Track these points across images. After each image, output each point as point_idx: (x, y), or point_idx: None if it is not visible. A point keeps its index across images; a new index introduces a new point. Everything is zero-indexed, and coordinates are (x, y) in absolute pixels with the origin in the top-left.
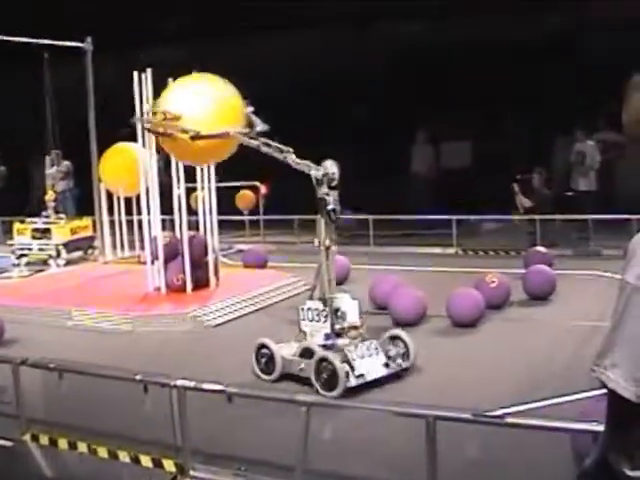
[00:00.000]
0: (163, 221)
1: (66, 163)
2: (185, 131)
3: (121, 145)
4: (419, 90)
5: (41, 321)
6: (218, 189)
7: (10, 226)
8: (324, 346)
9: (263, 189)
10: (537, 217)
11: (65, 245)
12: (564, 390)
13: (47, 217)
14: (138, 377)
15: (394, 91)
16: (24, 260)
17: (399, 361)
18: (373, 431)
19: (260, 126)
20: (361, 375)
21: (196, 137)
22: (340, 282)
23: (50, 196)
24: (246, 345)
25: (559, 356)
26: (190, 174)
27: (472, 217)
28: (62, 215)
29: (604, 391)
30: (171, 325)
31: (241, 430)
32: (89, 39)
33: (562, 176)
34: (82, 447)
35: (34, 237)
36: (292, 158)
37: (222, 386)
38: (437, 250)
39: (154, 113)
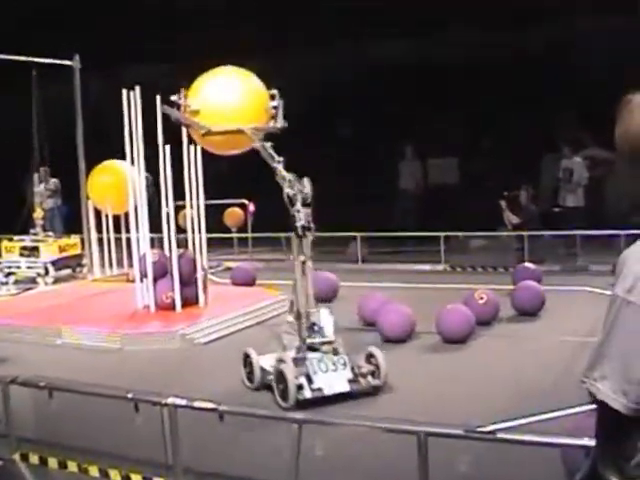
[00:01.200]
0: (152, 239)
1: (54, 180)
2: (199, 127)
3: (109, 163)
4: (405, 106)
5: (30, 339)
6: (206, 207)
7: None
8: (295, 359)
9: (251, 207)
10: (525, 233)
11: (53, 263)
12: (554, 405)
13: (35, 235)
14: (129, 395)
15: (379, 108)
16: (12, 278)
17: (369, 378)
18: (364, 447)
19: (279, 122)
20: (319, 389)
21: (208, 134)
22: (329, 299)
23: (38, 214)
24: (236, 363)
25: (549, 372)
26: (179, 192)
27: (460, 234)
28: (50, 233)
29: (594, 406)
30: (160, 343)
31: (232, 448)
32: (77, 57)
33: (549, 192)
34: (72, 466)
35: (22, 255)
36: (280, 168)
37: (214, 404)
38: (426, 267)
39: (178, 106)
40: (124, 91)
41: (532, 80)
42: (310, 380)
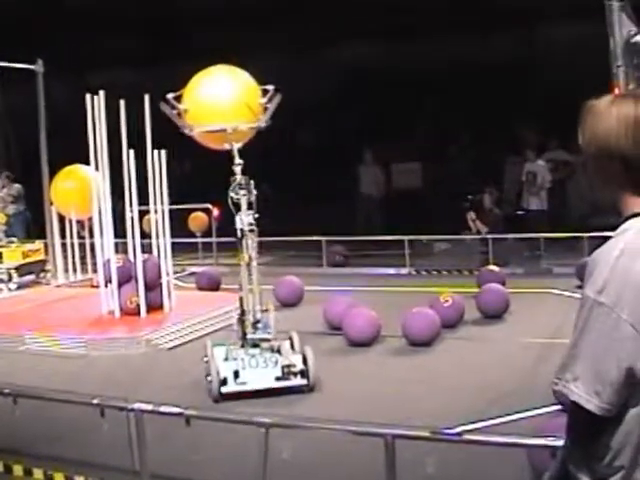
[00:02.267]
0: (116, 244)
1: (16, 186)
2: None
3: (73, 167)
4: (368, 112)
5: None
6: (170, 211)
7: None
8: (227, 354)
9: (215, 211)
10: (489, 236)
11: (17, 269)
12: (520, 407)
13: None
14: (95, 401)
15: (342, 113)
16: None
17: (298, 378)
18: (332, 450)
19: (262, 121)
20: (243, 383)
21: (192, 133)
22: (294, 303)
23: (1, 219)
24: (201, 367)
25: (514, 373)
26: (143, 196)
27: (424, 237)
28: (13, 239)
29: (559, 407)
30: (125, 348)
31: (200, 452)
32: (40, 61)
33: (512, 196)
34: (38, 474)
35: None
36: (236, 171)
37: (180, 409)
38: (391, 270)
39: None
40: (88, 96)
41: (496, 84)
42: (237, 375)
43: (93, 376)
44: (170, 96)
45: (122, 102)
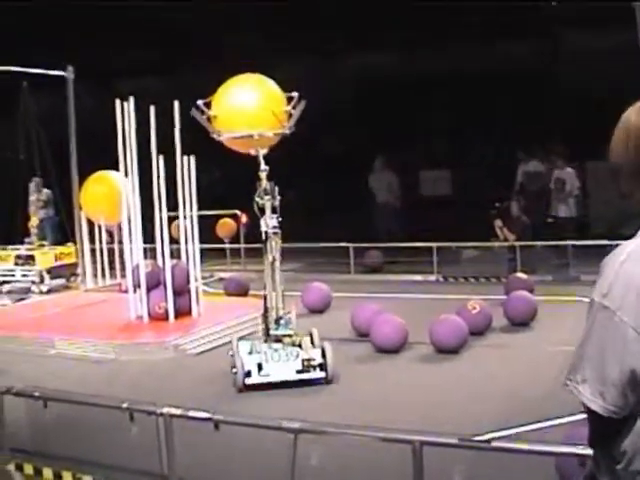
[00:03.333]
0: (145, 249)
1: (46, 191)
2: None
3: (102, 173)
4: (393, 121)
5: (23, 350)
6: (199, 217)
7: None
8: (252, 349)
9: (244, 218)
10: (517, 244)
11: (49, 271)
12: (547, 415)
13: (30, 244)
14: (124, 405)
15: (365, 122)
16: (6, 287)
17: (317, 371)
18: (359, 455)
19: (287, 127)
20: (266, 375)
21: (224, 139)
22: (321, 310)
23: (33, 222)
24: (228, 373)
25: (541, 381)
26: (171, 202)
27: (453, 244)
28: (45, 242)
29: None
30: (153, 353)
31: (228, 457)
32: (70, 68)
33: (540, 203)
34: (67, 477)
35: (17, 264)
36: (262, 177)
37: (208, 414)
38: (418, 277)
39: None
40: (117, 102)
41: (525, 91)
42: (260, 367)
43: (121, 380)
44: (200, 102)
45: (152, 108)
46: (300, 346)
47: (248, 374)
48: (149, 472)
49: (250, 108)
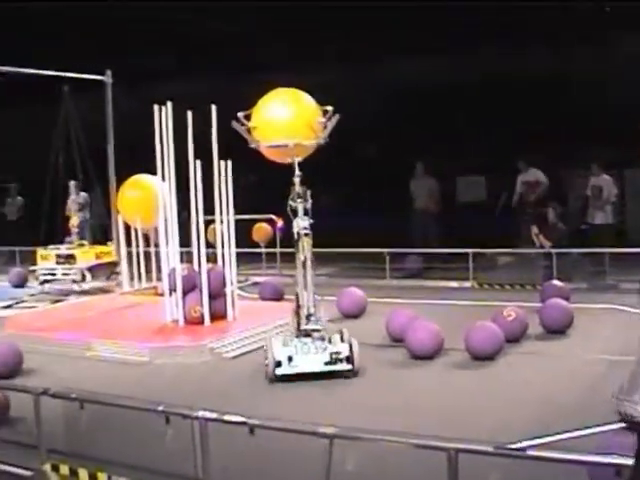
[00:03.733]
0: (181, 253)
1: (83, 194)
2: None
3: (138, 177)
4: (432, 125)
5: (59, 351)
6: (235, 222)
7: (28, 256)
8: (284, 342)
9: (279, 222)
10: (553, 251)
11: (90, 269)
12: (582, 423)
13: (71, 243)
14: (160, 408)
15: (403, 127)
16: (47, 286)
17: (344, 363)
18: (394, 461)
19: (321, 138)
20: (296, 366)
21: (263, 147)
22: (356, 315)
23: (74, 222)
24: (263, 377)
25: (577, 389)
26: (207, 206)
27: (488, 251)
28: (84, 241)
29: (622, 424)
30: (188, 357)
31: (262, 461)
32: (109, 72)
33: (576, 210)
34: (102, 478)
35: (58, 262)
36: (296, 182)
37: (244, 418)
38: (453, 284)
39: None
40: (156, 107)
41: (561, 98)
42: (290, 359)
43: (156, 383)
44: (240, 114)
45: (189, 113)
46: (329, 341)
47: (278, 364)
48: (183, 475)
49: (287, 120)
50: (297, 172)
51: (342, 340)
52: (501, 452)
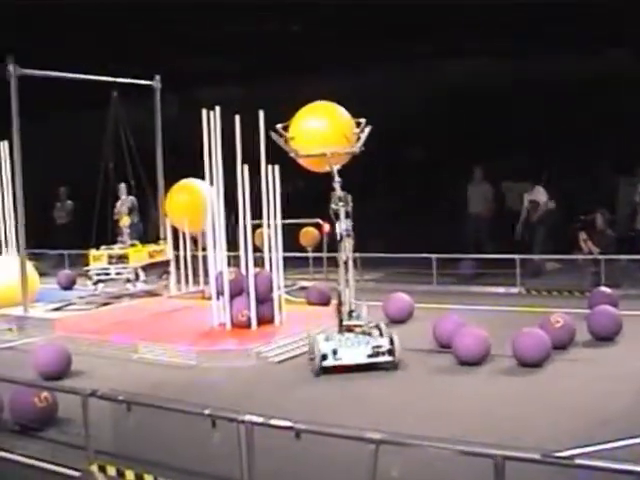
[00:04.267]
0: (228, 257)
1: (131, 198)
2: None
3: (187, 181)
4: (478, 129)
5: (107, 354)
6: (282, 226)
7: (77, 259)
8: (328, 336)
9: (326, 226)
10: (601, 257)
11: (144, 268)
12: (630, 432)
13: (123, 243)
14: (206, 411)
15: (452, 130)
16: (101, 286)
17: (386, 356)
18: (439, 468)
19: (356, 147)
20: (340, 359)
21: (298, 157)
22: (403, 320)
23: (125, 221)
24: (310, 381)
25: (625, 397)
26: (255, 211)
27: (536, 256)
28: (136, 241)
29: None
30: (235, 360)
31: (308, 466)
32: (157, 77)
33: (625, 216)
34: (149, 479)
35: (110, 262)
36: (337, 187)
37: (290, 422)
38: (500, 290)
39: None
40: (204, 111)
41: (610, 102)
42: (335, 352)
43: (203, 387)
44: (279, 126)
45: (237, 117)
46: (370, 335)
47: (324, 357)
48: (228, 478)
49: (323, 131)
50: (337, 178)
51: (381, 334)
52: (549, 460)
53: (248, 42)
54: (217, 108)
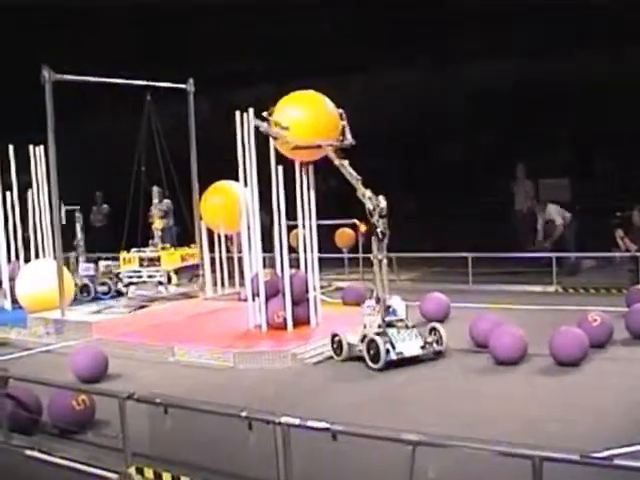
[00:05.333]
0: (263, 259)
1: (166, 201)
2: (288, 142)
3: (221, 184)
4: (511, 127)
5: (143, 356)
6: (318, 227)
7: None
8: (377, 333)
9: (362, 227)
10: (639, 254)
11: (176, 271)
12: None
13: (154, 246)
14: (243, 413)
15: (488, 128)
16: (132, 288)
17: (435, 346)
18: (476, 470)
19: (348, 140)
20: (400, 352)
21: (295, 148)
22: (440, 319)
23: (158, 225)
24: (346, 383)
25: None
26: (290, 212)
27: (572, 254)
28: (167, 245)
29: None
30: (271, 362)
31: (345, 467)
32: (191, 80)
33: None
34: None
35: (142, 265)
36: (360, 186)
37: (327, 424)
38: (537, 288)
39: (267, 120)
40: (237, 113)
41: None
42: (393, 346)
43: (239, 388)
44: (265, 114)
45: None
46: (414, 327)
47: (387, 352)
48: None
49: (310, 121)
50: (356, 175)
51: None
52: (587, 461)
53: (280, 43)
54: (250, 110)
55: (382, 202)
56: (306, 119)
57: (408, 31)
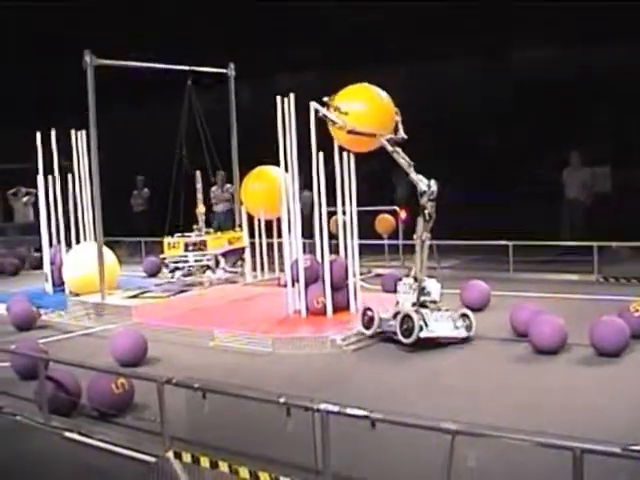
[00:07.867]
0: (303, 244)
1: (229, 186)
2: (345, 126)
3: (262, 169)
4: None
5: (182, 341)
6: (358, 213)
7: (153, 247)
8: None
9: (403, 214)
10: None
11: (224, 255)
12: None
13: (199, 230)
14: (281, 400)
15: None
16: (178, 273)
17: (464, 331)
18: (515, 460)
19: (401, 134)
20: (432, 331)
21: (351, 132)
22: (480, 308)
23: (201, 209)
24: (385, 370)
25: None
26: (330, 198)
27: (614, 244)
28: (210, 229)
29: None
30: (310, 348)
31: (383, 455)
32: (232, 65)
33: None
34: (223, 466)
35: (187, 250)
36: (412, 171)
37: (366, 411)
38: (577, 277)
39: (329, 105)
40: (278, 98)
41: None
42: (426, 324)
43: (278, 374)
44: (326, 99)
45: (312, 104)
46: (447, 310)
47: (421, 329)
48: (303, 466)
49: (373, 112)
50: (409, 161)
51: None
52: (629, 454)
53: (328, 30)
54: (291, 95)
55: (433, 185)
56: (365, 111)
57: (456, 21)
